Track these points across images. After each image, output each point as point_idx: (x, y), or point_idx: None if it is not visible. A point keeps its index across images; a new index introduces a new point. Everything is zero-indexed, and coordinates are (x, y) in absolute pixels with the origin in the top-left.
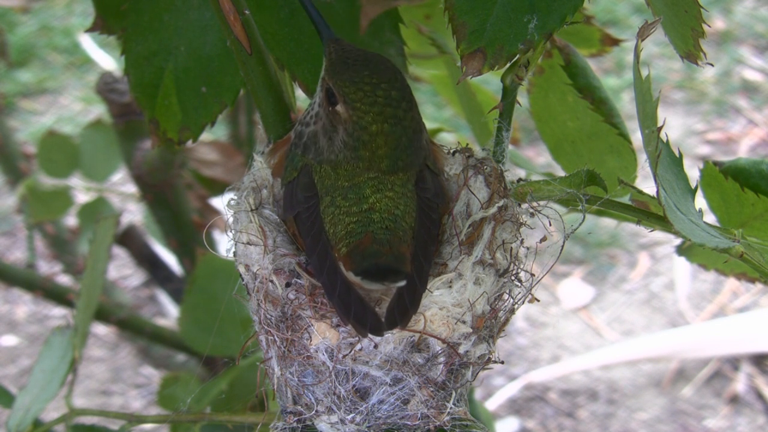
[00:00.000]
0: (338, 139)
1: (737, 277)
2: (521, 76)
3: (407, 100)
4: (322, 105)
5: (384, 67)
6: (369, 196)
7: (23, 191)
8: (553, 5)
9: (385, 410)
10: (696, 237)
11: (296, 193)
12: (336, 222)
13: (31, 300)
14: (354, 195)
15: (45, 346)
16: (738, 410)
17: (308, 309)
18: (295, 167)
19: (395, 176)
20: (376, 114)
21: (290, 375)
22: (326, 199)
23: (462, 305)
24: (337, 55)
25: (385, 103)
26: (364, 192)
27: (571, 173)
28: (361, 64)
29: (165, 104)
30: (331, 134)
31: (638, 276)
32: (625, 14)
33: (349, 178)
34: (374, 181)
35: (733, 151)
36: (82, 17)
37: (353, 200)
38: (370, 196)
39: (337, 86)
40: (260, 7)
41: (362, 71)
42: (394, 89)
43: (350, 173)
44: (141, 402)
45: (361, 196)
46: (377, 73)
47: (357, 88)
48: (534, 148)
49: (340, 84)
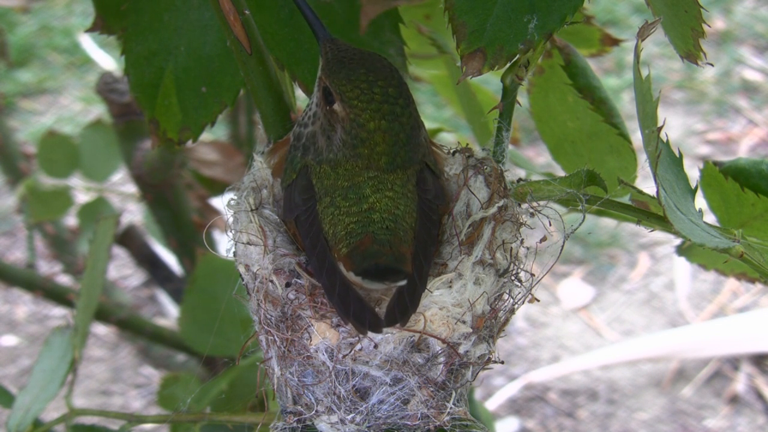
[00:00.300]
0: (337, 138)
1: (737, 277)
2: (521, 76)
3: (404, 96)
4: (320, 105)
5: (380, 65)
6: (369, 196)
7: (23, 191)
8: (553, 5)
9: (385, 410)
10: (696, 237)
11: (294, 195)
12: (336, 222)
13: (31, 300)
14: (354, 195)
15: (45, 346)
16: (738, 410)
17: (308, 309)
18: (294, 169)
19: (395, 175)
20: (374, 111)
21: (290, 375)
22: (326, 200)
23: (462, 305)
24: (333, 54)
25: (382, 100)
26: (364, 192)
27: (571, 173)
28: (357, 63)
29: (165, 104)
30: (329, 134)
31: (638, 276)
32: (625, 14)
33: (348, 177)
34: (374, 180)
35: (733, 151)
36: (82, 17)
37: (353, 200)
38: (370, 196)
39: (333, 85)
40: (260, 7)
41: (358, 69)
42: (390, 86)
43: (350, 172)
44: (141, 402)
45: (361, 196)
46: (373, 71)
47: (354, 86)
48: (534, 148)
49: (336, 82)
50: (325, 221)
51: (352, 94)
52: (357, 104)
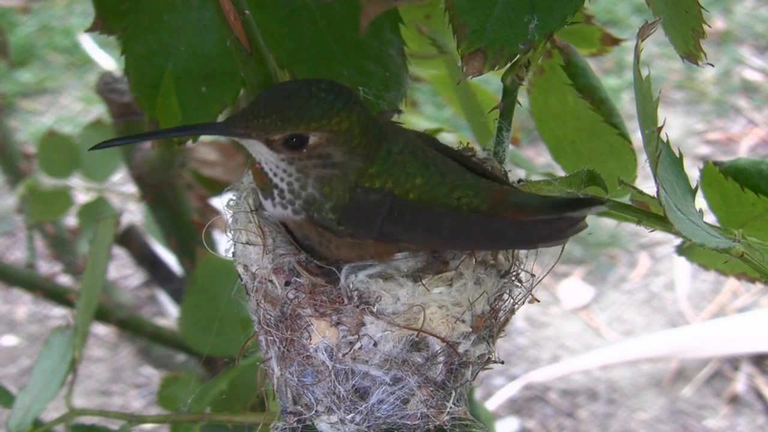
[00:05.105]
0: (329, 166)
1: (737, 277)
2: (521, 76)
3: (328, 83)
4: (291, 162)
5: (285, 88)
6: (411, 170)
7: (23, 191)
8: (553, 5)
9: (384, 410)
10: (696, 237)
11: (377, 220)
12: (439, 196)
13: (31, 300)
14: (411, 171)
15: (45, 346)
16: (738, 410)
17: (308, 307)
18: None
19: (382, 151)
20: (340, 114)
21: (290, 375)
22: (406, 191)
23: (462, 304)
24: (254, 118)
25: (331, 101)
26: (408, 170)
27: (571, 173)
28: (275, 104)
29: (165, 104)
30: (320, 173)
31: (638, 276)
32: (625, 14)
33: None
34: (390, 159)
35: (733, 151)
36: (82, 17)
37: (417, 177)
38: (411, 168)
39: (293, 129)
40: (260, 7)
41: (286, 103)
42: (321, 91)
43: (362, 171)
44: (141, 402)
45: (408, 174)
46: (292, 93)
47: (309, 114)
48: (534, 148)
49: (295, 124)
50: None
51: (315, 116)
52: (326, 122)
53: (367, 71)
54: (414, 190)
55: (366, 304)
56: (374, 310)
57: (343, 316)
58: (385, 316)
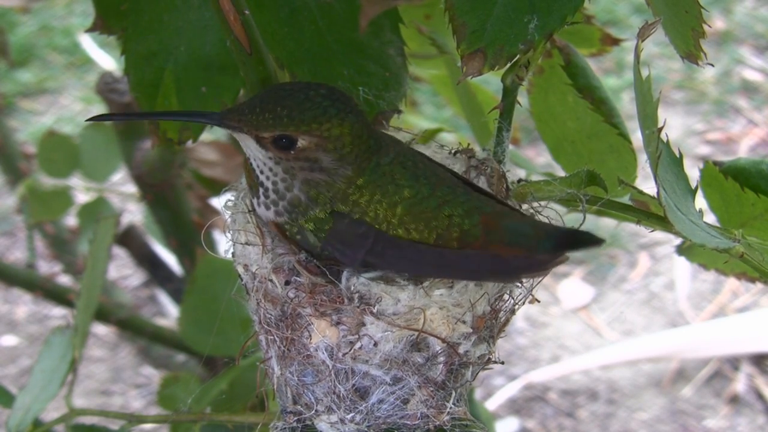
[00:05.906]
0: (316, 170)
1: (737, 277)
2: (521, 76)
3: (329, 89)
4: (278, 161)
5: (283, 89)
6: (401, 183)
7: (23, 191)
8: (553, 5)
9: (384, 410)
10: (696, 237)
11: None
12: (426, 220)
13: (31, 300)
14: (394, 186)
15: (45, 346)
16: (738, 410)
17: (308, 307)
18: (319, 228)
19: (372, 162)
20: (334, 120)
21: (290, 374)
22: (386, 225)
23: (462, 305)
24: (250, 113)
25: (326, 106)
26: (397, 182)
27: (571, 173)
28: (270, 101)
29: (165, 104)
30: (307, 177)
31: (638, 276)
32: (625, 14)
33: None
34: (379, 170)
35: (733, 151)
36: (82, 17)
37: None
38: (401, 181)
39: (283, 129)
40: (260, 7)
41: (279, 103)
42: (318, 96)
43: (350, 183)
44: (141, 402)
45: (398, 186)
46: (289, 94)
47: (301, 116)
48: (534, 148)
49: (285, 125)
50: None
51: (310, 121)
52: (316, 127)
53: (367, 71)
54: (402, 203)
55: (367, 304)
56: (375, 311)
57: (344, 316)
58: (386, 317)
